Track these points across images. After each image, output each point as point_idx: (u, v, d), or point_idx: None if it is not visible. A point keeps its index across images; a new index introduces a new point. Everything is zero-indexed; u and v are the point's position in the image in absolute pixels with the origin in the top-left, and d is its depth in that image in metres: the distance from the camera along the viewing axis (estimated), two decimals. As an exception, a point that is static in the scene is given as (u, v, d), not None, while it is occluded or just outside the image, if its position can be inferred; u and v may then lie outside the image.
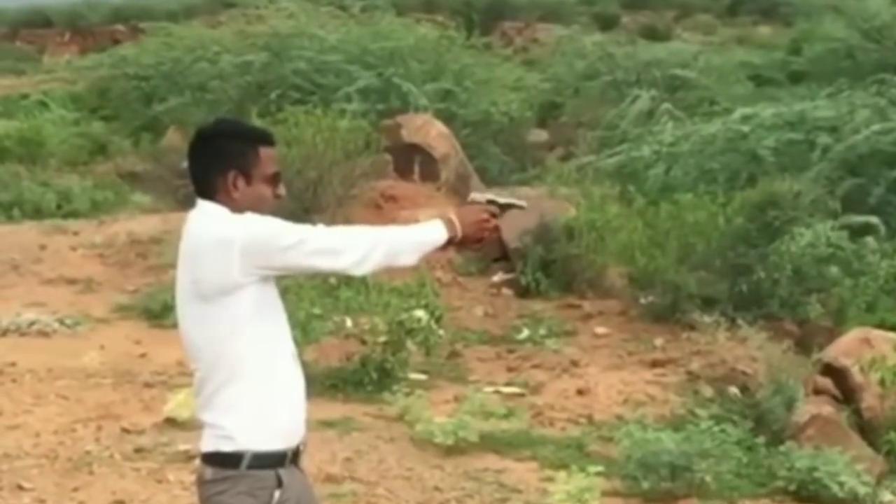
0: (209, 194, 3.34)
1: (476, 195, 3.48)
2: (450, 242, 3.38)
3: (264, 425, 3.32)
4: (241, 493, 3.30)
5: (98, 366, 8.27)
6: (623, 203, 11.38)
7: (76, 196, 13.82)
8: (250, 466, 3.29)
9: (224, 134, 3.42)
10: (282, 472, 3.32)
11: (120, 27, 33.48)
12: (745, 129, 14.43)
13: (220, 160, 3.35)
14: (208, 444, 3.35)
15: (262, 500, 3.30)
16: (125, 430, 7.00)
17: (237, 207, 3.32)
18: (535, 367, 8.79)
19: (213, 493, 3.33)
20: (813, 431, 7.41)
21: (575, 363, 8.81)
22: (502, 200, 3.47)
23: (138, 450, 6.65)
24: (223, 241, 3.24)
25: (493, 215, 3.44)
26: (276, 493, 3.31)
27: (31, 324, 9.11)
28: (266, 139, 3.42)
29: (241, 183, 3.34)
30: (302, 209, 10.33)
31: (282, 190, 3.42)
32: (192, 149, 3.41)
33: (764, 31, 33.92)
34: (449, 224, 3.36)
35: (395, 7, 19.86)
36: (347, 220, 11.38)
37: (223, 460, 3.32)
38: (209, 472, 3.34)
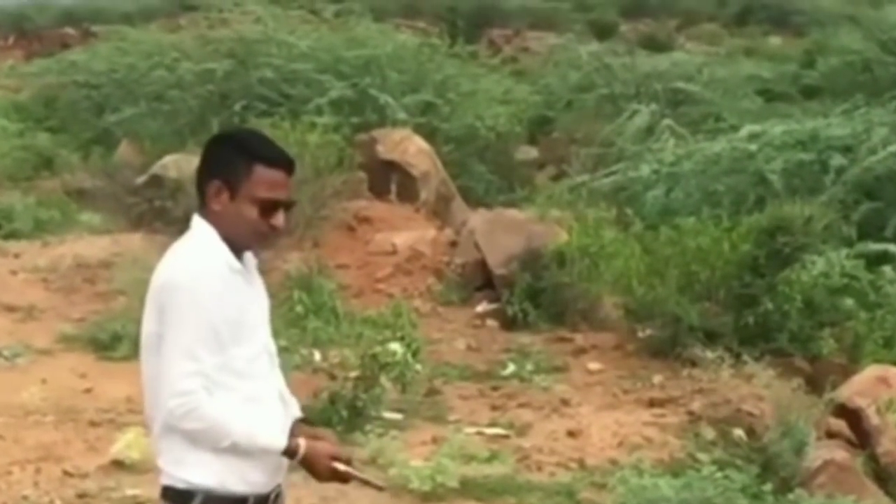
0: (200, 204, 3.48)
1: (342, 468, 3.53)
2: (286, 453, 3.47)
3: (222, 464, 3.36)
4: None
5: (39, 402, 8.21)
6: (619, 227, 11.40)
7: (18, 215, 13.74)
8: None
9: (224, 141, 3.54)
10: None
11: (70, 30, 33.43)
12: (753, 147, 14.49)
13: (210, 166, 3.47)
14: (163, 476, 3.43)
15: None
16: (67, 474, 6.95)
17: (219, 224, 3.40)
18: (522, 406, 8.77)
19: None
20: (825, 478, 7.40)
21: (565, 402, 8.79)
22: (360, 476, 3.58)
23: (81, 495, 6.60)
24: (158, 287, 3.39)
25: (344, 479, 3.53)
26: None
27: (-34, 355, 9.06)
28: (268, 158, 3.42)
29: (224, 196, 3.42)
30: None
31: (278, 221, 3.42)
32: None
33: (774, 41, 34.11)
34: (293, 450, 3.45)
35: (373, 12, 19.88)
36: (317, 244, 11.38)
37: (175, 497, 3.38)
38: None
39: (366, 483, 3.64)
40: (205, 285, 3.33)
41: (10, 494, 6.61)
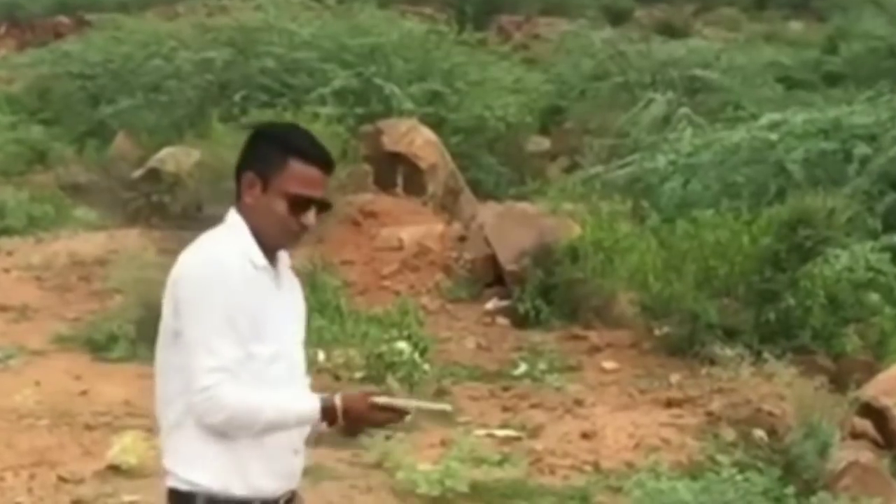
0: (237, 197, 3.51)
1: (383, 399, 3.47)
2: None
3: (227, 466, 3.39)
4: None
5: (32, 405, 8.22)
6: (635, 221, 11.40)
7: (10, 211, 13.76)
8: None
9: (263, 133, 3.56)
10: None
11: (63, 19, 33.43)
12: (774, 137, 14.46)
13: (247, 158, 3.49)
14: (168, 478, 3.45)
15: None
16: (62, 479, 6.95)
17: (250, 217, 3.44)
18: (534, 406, 8.77)
19: None
20: (850, 480, 7.39)
21: (579, 403, 8.79)
22: (415, 404, 3.52)
23: (77, 502, 6.62)
24: (174, 280, 3.42)
25: (392, 416, 3.48)
26: None
27: (-43, 357, 9.08)
28: (304, 153, 3.44)
29: (257, 188, 3.45)
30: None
31: (309, 219, 3.44)
32: None
33: (795, 27, 34.03)
34: (329, 411, 3.42)
35: (378, -3, 19.89)
36: (321, 239, 11.37)
37: (177, 500, 3.41)
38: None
39: (425, 410, 3.54)
40: (219, 276, 3.35)
41: (3, 501, 6.62)
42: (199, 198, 11.40)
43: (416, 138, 13.80)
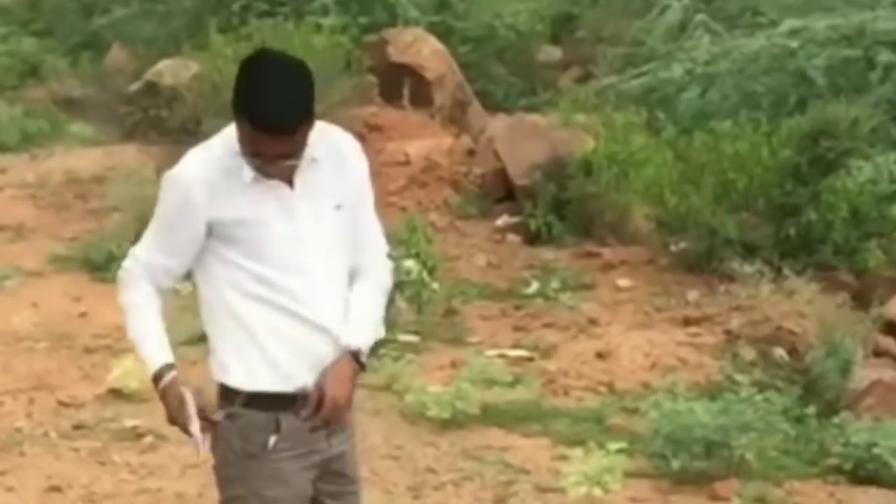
0: None
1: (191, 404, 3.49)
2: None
3: (252, 362, 3.46)
4: (235, 434, 3.47)
5: (30, 327, 8.26)
6: (650, 133, 11.33)
7: (3, 127, 13.70)
8: (245, 405, 3.47)
9: (239, 72, 3.42)
10: (283, 417, 3.46)
11: (54, -74, 33.12)
12: (794, 44, 14.34)
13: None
14: (214, 372, 3.57)
15: (256, 446, 3.47)
16: (62, 404, 6.99)
17: None
18: (547, 326, 8.79)
19: (221, 428, 3.51)
20: (873, 400, 7.41)
21: (593, 322, 8.80)
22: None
23: (78, 426, 6.65)
24: None
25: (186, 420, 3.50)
26: (272, 440, 3.47)
27: (-50, 278, 9.09)
28: (253, 117, 3.34)
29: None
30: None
31: (270, 172, 3.41)
32: None
33: (817, -72, 33.62)
34: (156, 376, 3.52)
35: None
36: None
37: (223, 393, 3.52)
38: (218, 403, 3.55)
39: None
40: (183, 186, 3.44)
41: (1, 426, 6.65)
42: (198, 112, 11.31)
43: (422, 48, 13.68)
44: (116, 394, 7.00)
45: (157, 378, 3.51)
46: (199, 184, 3.42)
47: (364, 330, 3.56)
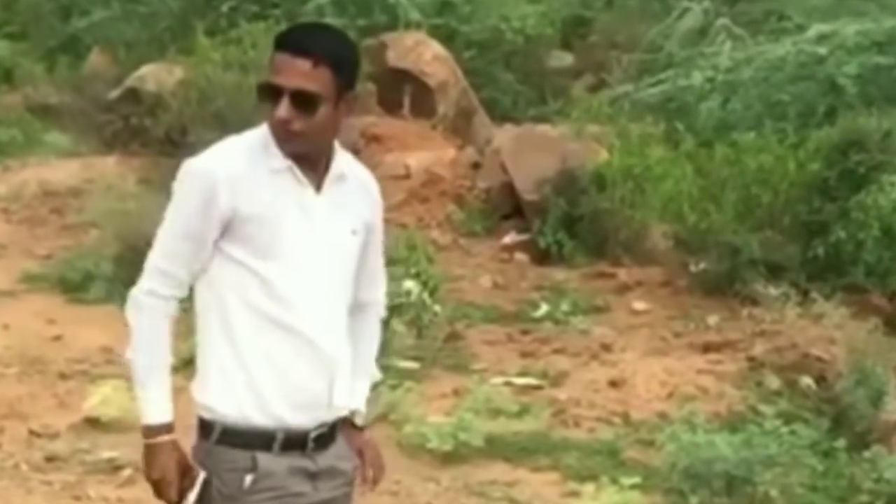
0: None
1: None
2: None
3: (241, 394, 3.45)
4: (211, 473, 3.44)
5: (1, 351, 8.25)
6: (668, 145, 11.35)
7: (-26, 136, 13.78)
8: (219, 441, 3.46)
9: None
10: (261, 456, 3.44)
11: (31, -78, 33.28)
12: (823, 51, 14.39)
13: None
14: (195, 391, 3.58)
15: (231, 486, 3.44)
16: (34, 433, 6.99)
17: None
18: (557, 352, 8.79)
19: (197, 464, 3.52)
20: (907, 433, 7.41)
21: (606, 347, 8.80)
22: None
23: (50, 458, 6.64)
24: None
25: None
26: (248, 479, 3.44)
27: (-83, 298, 9.11)
28: (278, 39, 3.50)
29: None
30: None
31: (280, 111, 3.40)
32: None
33: (847, -74, 33.77)
34: (145, 433, 3.50)
35: None
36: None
37: (200, 428, 3.51)
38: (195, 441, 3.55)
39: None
40: (202, 180, 3.41)
41: (-31, 457, 6.64)
42: (184, 121, 11.34)
43: (424, 53, 13.74)
44: (93, 423, 6.99)
45: (151, 431, 3.48)
46: (222, 177, 3.41)
47: (366, 391, 3.78)
